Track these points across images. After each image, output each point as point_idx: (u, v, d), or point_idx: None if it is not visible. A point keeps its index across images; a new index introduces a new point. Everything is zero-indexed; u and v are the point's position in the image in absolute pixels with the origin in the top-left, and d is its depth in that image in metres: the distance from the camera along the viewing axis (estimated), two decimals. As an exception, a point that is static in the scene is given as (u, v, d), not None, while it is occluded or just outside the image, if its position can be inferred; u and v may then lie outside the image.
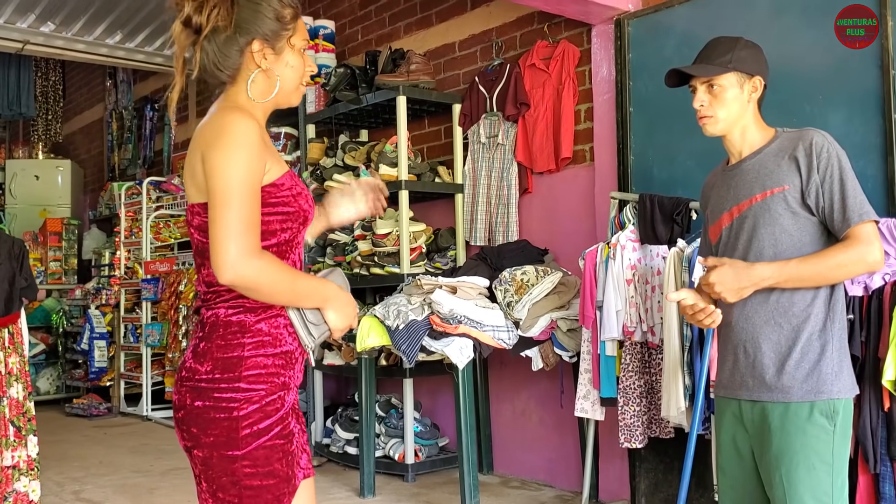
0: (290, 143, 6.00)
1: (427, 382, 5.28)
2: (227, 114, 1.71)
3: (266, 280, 1.64)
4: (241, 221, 1.61)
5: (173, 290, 7.07)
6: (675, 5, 3.98)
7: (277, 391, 1.73)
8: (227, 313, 1.73)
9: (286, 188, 1.74)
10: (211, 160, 1.65)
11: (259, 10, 1.76)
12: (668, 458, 3.86)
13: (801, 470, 2.06)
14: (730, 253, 2.24)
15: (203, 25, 1.73)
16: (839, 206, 2.10)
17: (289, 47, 1.80)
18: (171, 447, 6.03)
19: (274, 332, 1.73)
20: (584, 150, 4.55)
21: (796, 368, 2.12)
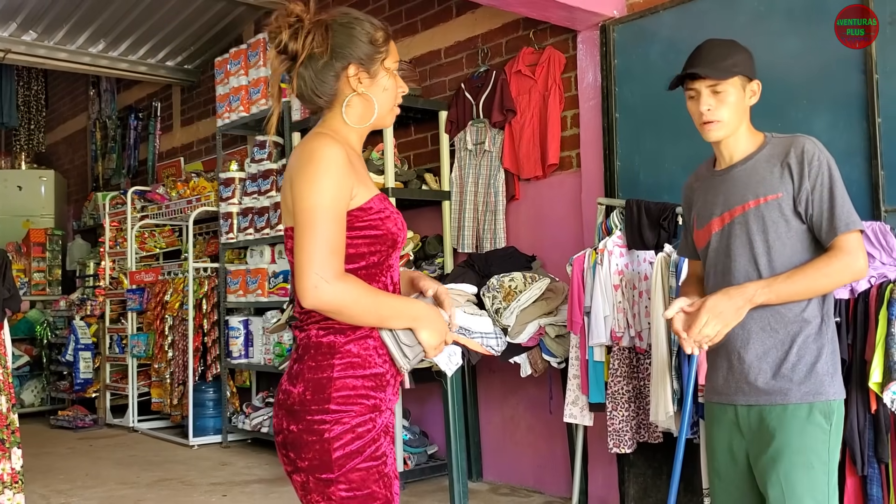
0: (276, 152, 5.98)
1: (416, 390, 5.24)
2: (314, 139, 1.73)
3: (348, 302, 1.65)
4: (323, 246, 1.63)
5: (159, 300, 7.03)
6: (659, 11, 4.00)
7: (368, 413, 1.71)
8: (317, 335, 1.73)
9: (374, 212, 1.74)
10: (297, 185, 1.67)
11: (353, 34, 1.77)
12: (656, 463, 3.86)
13: (799, 470, 2.08)
14: (721, 258, 2.24)
15: (299, 52, 1.75)
16: (827, 214, 2.11)
17: (383, 70, 1.81)
18: (158, 458, 5.98)
19: (363, 353, 1.72)
20: (571, 156, 4.56)
21: (793, 371, 2.12)
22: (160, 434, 6.93)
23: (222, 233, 6.41)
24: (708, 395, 2.33)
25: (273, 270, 5.92)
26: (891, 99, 3.21)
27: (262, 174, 6.02)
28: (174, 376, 6.79)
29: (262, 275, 5.97)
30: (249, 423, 6.04)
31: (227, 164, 6.56)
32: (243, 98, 6.24)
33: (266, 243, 5.99)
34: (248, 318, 6.22)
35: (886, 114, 3.22)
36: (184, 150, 8.33)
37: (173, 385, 6.81)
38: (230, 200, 6.33)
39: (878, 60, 3.24)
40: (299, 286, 1.64)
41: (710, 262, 2.29)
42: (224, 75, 6.49)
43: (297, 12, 1.75)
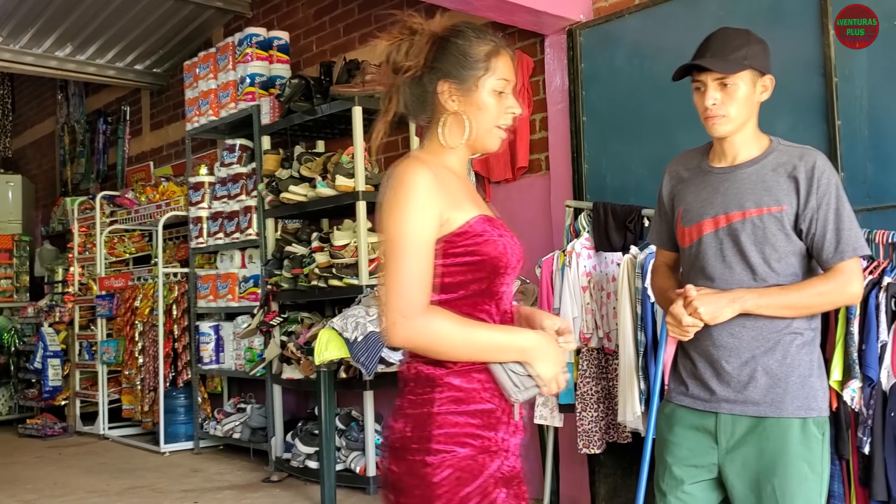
0: (246, 155, 5.96)
1: (388, 394, 5.25)
2: (403, 164, 1.64)
3: (434, 338, 1.54)
4: (405, 280, 1.53)
5: (129, 305, 6.97)
6: (625, 15, 4.04)
7: (475, 454, 1.56)
8: (417, 366, 1.61)
9: (471, 236, 1.60)
10: (384, 214, 1.59)
11: (447, 47, 1.68)
12: (626, 463, 3.89)
13: (794, 481, 2.03)
14: (711, 262, 2.14)
15: (400, 65, 1.69)
16: (832, 235, 2.05)
17: (480, 88, 1.67)
18: (129, 466, 5.93)
19: (467, 387, 1.58)
20: (540, 159, 4.59)
21: (787, 383, 2.06)
22: (131, 441, 6.87)
23: (192, 237, 6.37)
24: (678, 397, 2.22)
25: (243, 275, 5.89)
26: (850, 101, 3.27)
27: (232, 178, 5.99)
28: (145, 383, 6.74)
29: (233, 279, 5.95)
30: (221, 429, 6.01)
31: (196, 168, 6.53)
32: (212, 102, 6.21)
33: (236, 247, 5.97)
34: (218, 324, 6.19)
35: (846, 116, 3.27)
36: (153, 155, 8.27)
37: (144, 391, 6.75)
38: (200, 205, 6.29)
39: (836, 64, 3.29)
40: (384, 321, 1.55)
41: (698, 262, 2.18)
42: (193, 79, 6.45)
43: (412, 24, 1.68)
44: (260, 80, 5.86)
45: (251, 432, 5.80)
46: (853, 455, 2.86)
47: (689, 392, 2.19)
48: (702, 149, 2.30)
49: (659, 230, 2.39)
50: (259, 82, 5.85)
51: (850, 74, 3.27)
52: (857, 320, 2.80)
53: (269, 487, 5.12)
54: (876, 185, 3.20)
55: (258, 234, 5.68)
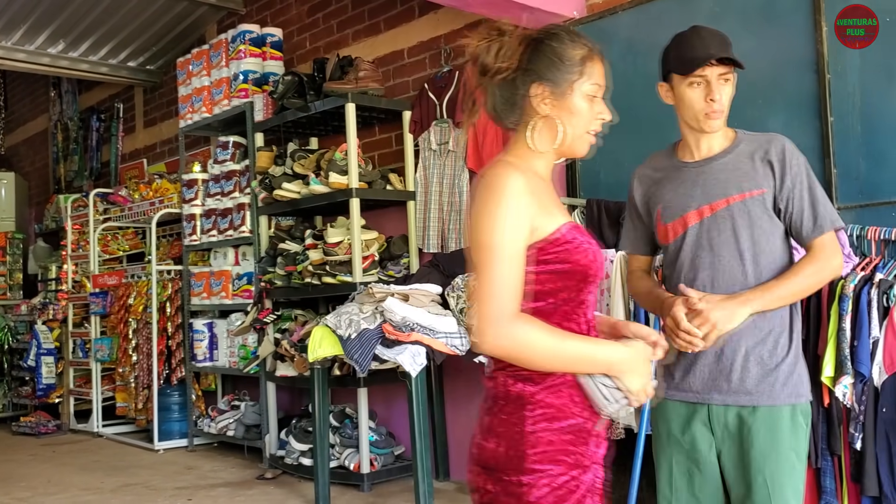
0: (239, 152, 5.95)
1: (381, 391, 5.26)
2: (495, 168, 1.60)
3: (525, 346, 1.50)
4: (497, 287, 1.50)
5: (122, 303, 6.96)
6: (618, 12, 4.04)
7: (569, 471, 1.54)
8: (506, 383, 1.58)
9: (561, 243, 1.58)
10: (475, 219, 1.56)
11: (541, 49, 1.65)
12: (619, 459, 3.88)
13: (785, 471, 2.07)
14: (701, 252, 2.17)
15: (490, 66, 1.63)
16: (809, 212, 2.12)
17: (574, 92, 1.65)
18: (123, 463, 5.93)
19: (558, 402, 1.56)
20: (533, 155, 4.58)
21: (778, 372, 2.10)
22: (125, 439, 6.86)
23: (185, 235, 6.36)
24: (669, 392, 2.24)
25: (237, 272, 5.88)
26: (842, 98, 3.27)
27: (226, 175, 5.98)
28: (139, 380, 6.72)
29: (227, 277, 5.94)
30: (215, 426, 6.00)
31: (189, 165, 6.51)
32: (206, 99, 6.20)
33: (230, 245, 5.96)
34: (212, 321, 6.18)
35: (838, 113, 3.28)
36: (147, 152, 8.25)
37: (138, 389, 6.74)
38: (193, 202, 6.28)
39: (829, 61, 3.30)
40: (474, 329, 1.51)
41: (684, 255, 2.20)
42: (186, 76, 6.44)
43: (501, 26, 1.64)
44: (253, 77, 5.85)
45: (245, 430, 5.80)
46: (845, 451, 2.87)
47: (680, 385, 2.21)
48: (667, 150, 2.36)
49: (632, 236, 2.43)
50: (252, 79, 5.84)
51: (843, 71, 3.27)
52: (850, 316, 2.81)
53: (263, 485, 5.11)
54: (868, 182, 3.21)
55: (252, 232, 5.67)
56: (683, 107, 2.22)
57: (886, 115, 3.18)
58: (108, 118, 8.83)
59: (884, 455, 2.79)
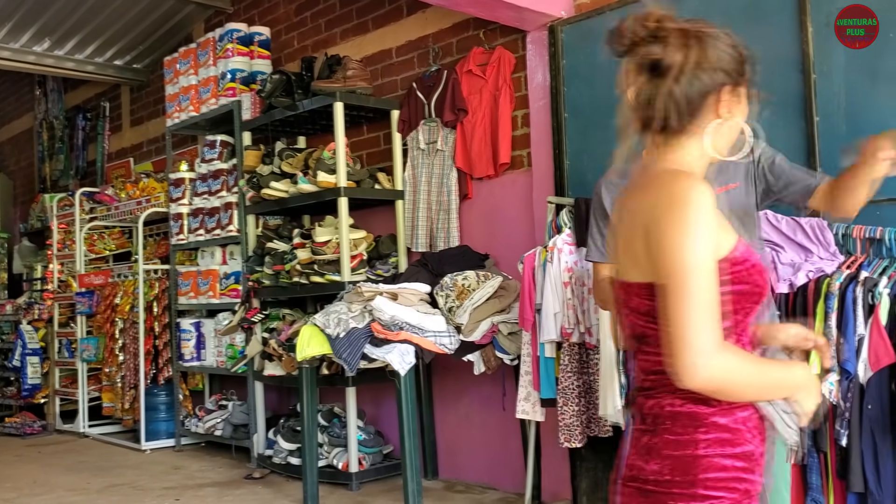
0: (226, 151, 5.93)
1: (370, 390, 5.26)
2: (679, 180, 1.47)
3: (731, 378, 1.40)
4: (702, 313, 1.37)
5: (109, 303, 6.92)
6: (605, 12, 4.06)
7: (742, 500, 1.46)
8: (674, 403, 1.48)
9: (739, 262, 1.47)
10: (660, 237, 1.42)
11: (726, 49, 1.53)
12: (607, 457, 3.92)
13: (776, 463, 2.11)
14: None
15: (672, 66, 1.48)
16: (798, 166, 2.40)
17: (744, 96, 1.57)
18: (109, 464, 5.90)
19: (733, 427, 1.47)
20: (522, 155, 4.60)
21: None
22: (111, 439, 6.83)
23: (173, 234, 6.34)
24: None
25: (224, 272, 5.87)
26: (828, 98, 3.30)
27: (213, 174, 5.96)
28: (125, 380, 6.69)
29: (214, 276, 5.92)
30: (203, 426, 5.99)
31: (176, 164, 6.49)
32: (193, 97, 6.18)
33: (217, 244, 5.94)
34: (199, 321, 6.16)
35: (824, 112, 3.30)
36: (133, 151, 8.21)
37: (125, 389, 6.71)
38: (180, 201, 6.26)
39: (815, 60, 3.32)
40: (676, 363, 1.38)
41: None
42: (173, 74, 6.42)
43: (658, 16, 1.49)
44: (241, 76, 5.84)
45: (233, 429, 5.78)
46: (831, 447, 2.90)
47: None
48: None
49: (601, 245, 2.46)
50: (240, 78, 5.83)
51: (829, 71, 3.30)
52: (835, 314, 2.83)
53: (250, 484, 5.10)
54: (853, 181, 3.23)
55: (239, 231, 5.66)
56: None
57: (871, 115, 3.20)
58: (95, 117, 8.78)
59: (869, 451, 2.81)
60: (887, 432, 2.80)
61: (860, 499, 2.85)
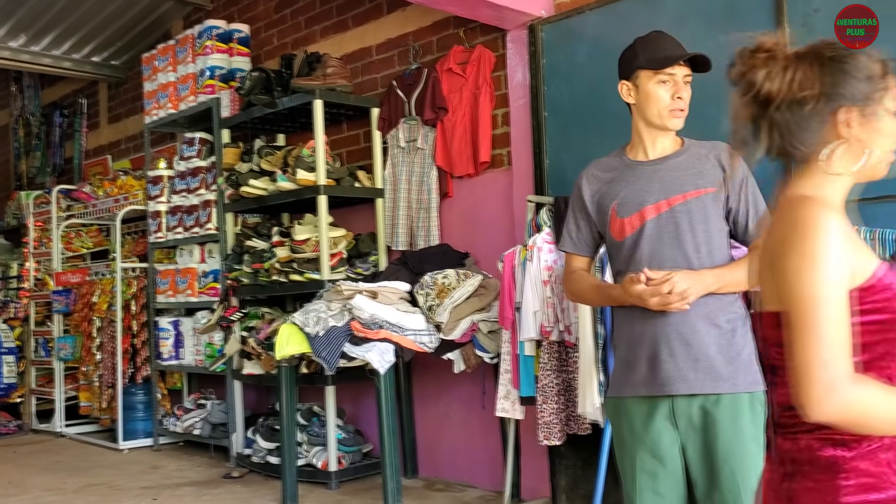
0: (205, 149, 5.89)
1: (350, 389, 5.25)
2: (805, 207, 1.40)
3: (865, 412, 1.34)
4: (827, 347, 1.31)
5: (86, 301, 6.86)
6: (585, 11, 4.07)
7: None
8: (811, 446, 1.41)
9: (879, 290, 1.39)
10: (785, 265, 1.36)
11: (846, 70, 1.44)
12: (585, 454, 3.93)
13: (748, 459, 2.11)
14: (655, 245, 2.23)
15: (773, 94, 1.42)
16: (754, 214, 2.25)
17: (881, 110, 1.47)
18: (86, 463, 5.85)
19: (876, 471, 1.39)
20: (502, 154, 4.61)
21: (738, 360, 2.17)
22: (89, 438, 6.77)
23: (151, 232, 6.29)
24: (626, 389, 2.25)
25: (203, 270, 5.84)
26: (805, 98, 3.32)
27: (192, 172, 5.93)
28: (103, 379, 6.63)
29: (192, 274, 5.89)
30: (181, 425, 5.95)
31: (155, 161, 6.44)
32: (171, 95, 6.14)
33: (195, 242, 5.90)
34: (178, 319, 6.12)
35: (801, 113, 3.33)
36: (111, 148, 8.14)
37: (102, 388, 6.65)
38: (159, 199, 6.22)
39: (792, 61, 3.34)
40: (802, 395, 1.33)
41: (644, 248, 2.24)
42: (152, 71, 6.37)
43: (769, 45, 1.44)
44: (220, 73, 5.80)
45: (211, 428, 5.75)
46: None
47: (639, 381, 2.23)
48: (614, 153, 2.44)
49: (575, 237, 2.46)
50: (219, 75, 5.80)
51: (805, 71, 3.32)
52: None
53: (229, 483, 5.08)
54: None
55: (218, 229, 5.63)
56: (649, 103, 2.30)
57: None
58: (72, 114, 8.70)
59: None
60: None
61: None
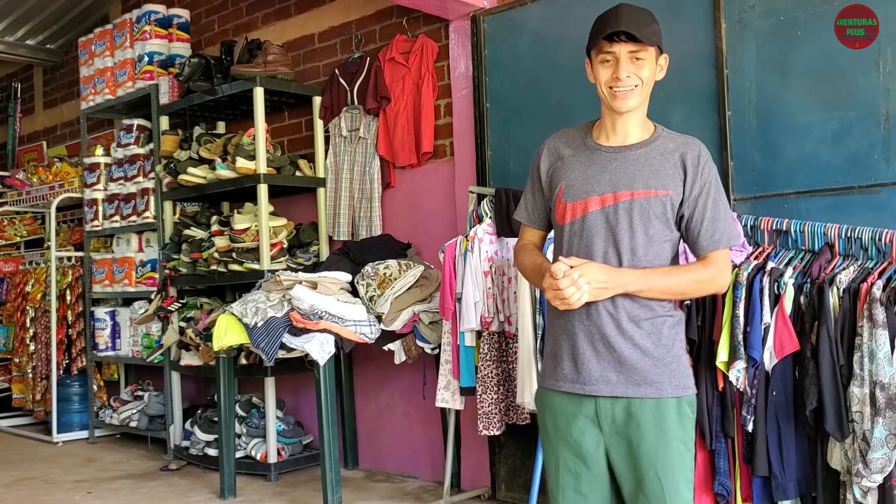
0: (143, 136, 5.77)
1: (289, 380, 5.20)
2: None
3: None
4: None
5: (19, 290, 6.70)
6: (527, 3, 4.08)
7: None
8: None
9: None
10: None
11: None
12: (525, 444, 3.96)
13: (675, 462, 2.06)
14: (591, 239, 2.11)
15: None
16: (710, 224, 2.09)
17: None
18: (18, 457, 5.70)
19: None
20: (445, 144, 4.60)
21: (664, 363, 2.08)
22: (21, 431, 6.60)
23: (87, 220, 6.15)
24: (553, 381, 2.17)
25: (140, 259, 5.73)
26: (740, 93, 3.38)
27: (129, 159, 5.80)
28: (37, 370, 6.48)
29: (129, 264, 5.77)
30: (118, 417, 5.84)
31: (91, 148, 6.29)
32: (109, 80, 5.99)
33: (133, 231, 5.78)
34: (114, 309, 6.00)
35: (736, 107, 3.39)
36: (46, 134, 7.93)
37: (36, 380, 6.50)
38: (95, 186, 6.08)
39: (727, 56, 3.40)
40: None
41: (578, 239, 2.14)
42: (88, 56, 6.21)
43: None
44: (159, 59, 5.68)
45: (149, 420, 5.65)
46: (738, 433, 2.98)
47: (563, 376, 2.15)
48: (583, 127, 2.27)
49: (530, 207, 2.32)
50: (158, 61, 5.68)
51: (741, 67, 3.38)
52: (743, 303, 2.91)
53: (167, 476, 5.00)
54: (762, 174, 3.33)
55: (156, 217, 5.52)
56: (597, 84, 2.15)
57: (780, 110, 3.30)
58: (5, 98, 8.45)
59: (773, 436, 2.90)
60: (790, 418, 2.90)
61: (765, 482, 2.94)
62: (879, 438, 2.64)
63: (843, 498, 2.78)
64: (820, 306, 2.80)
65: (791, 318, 2.87)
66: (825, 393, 2.74)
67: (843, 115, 3.14)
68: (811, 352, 2.80)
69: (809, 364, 2.79)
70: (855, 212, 3.07)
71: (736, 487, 3.02)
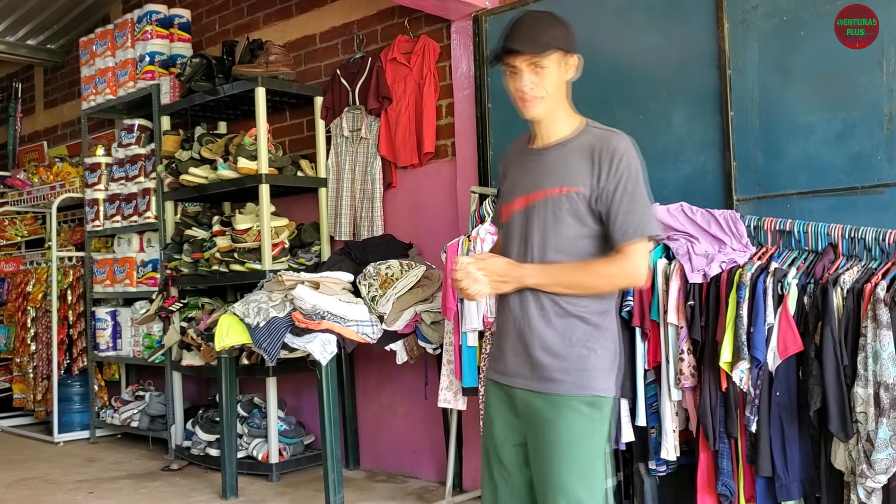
0: (145, 136, 5.77)
1: (291, 380, 5.20)
2: None
3: None
4: None
5: (20, 290, 6.70)
6: (529, 3, 4.08)
7: None
8: None
9: None
10: None
11: None
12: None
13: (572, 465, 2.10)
14: (511, 238, 2.22)
15: None
16: (622, 218, 2.09)
17: None
18: (20, 457, 5.70)
19: None
20: (447, 144, 4.60)
21: (567, 363, 2.12)
22: (23, 431, 6.60)
23: (88, 220, 6.15)
24: (490, 371, 2.31)
25: (141, 259, 5.72)
26: (742, 93, 3.38)
27: (130, 159, 5.80)
28: (38, 370, 6.48)
29: (131, 264, 5.77)
30: (119, 417, 5.84)
31: (92, 148, 6.29)
32: (110, 80, 5.98)
33: (134, 231, 5.78)
34: (115, 309, 6.00)
35: (738, 107, 3.39)
36: (47, 134, 7.93)
37: (37, 380, 6.50)
38: (96, 186, 6.08)
39: (730, 57, 3.40)
40: None
41: (507, 238, 2.26)
42: (90, 56, 6.20)
43: None
44: (160, 59, 5.68)
45: (150, 420, 5.65)
46: (741, 433, 2.98)
47: (496, 367, 2.27)
48: (528, 133, 2.34)
49: (495, 211, 2.46)
50: (159, 61, 5.67)
51: (743, 67, 3.38)
52: (746, 304, 2.90)
53: (168, 476, 5.00)
54: (766, 175, 3.33)
55: (157, 217, 5.52)
56: None
57: (783, 110, 3.29)
58: (6, 98, 8.45)
59: (777, 437, 2.90)
60: (794, 419, 2.89)
61: (768, 483, 2.94)
62: (884, 439, 2.64)
63: (847, 499, 2.78)
64: (824, 307, 2.79)
65: (794, 318, 2.87)
66: (829, 393, 2.74)
67: (847, 115, 3.14)
68: (815, 352, 2.80)
69: (813, 364, 2.79)
70: (858, 212, 3.08)
71: (739, 488, 3.02)
